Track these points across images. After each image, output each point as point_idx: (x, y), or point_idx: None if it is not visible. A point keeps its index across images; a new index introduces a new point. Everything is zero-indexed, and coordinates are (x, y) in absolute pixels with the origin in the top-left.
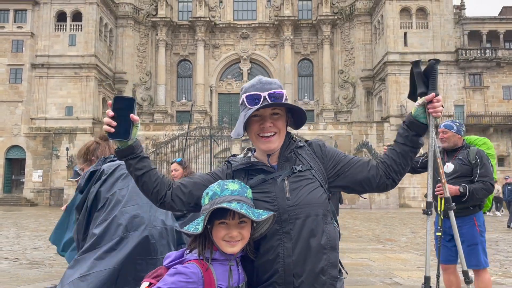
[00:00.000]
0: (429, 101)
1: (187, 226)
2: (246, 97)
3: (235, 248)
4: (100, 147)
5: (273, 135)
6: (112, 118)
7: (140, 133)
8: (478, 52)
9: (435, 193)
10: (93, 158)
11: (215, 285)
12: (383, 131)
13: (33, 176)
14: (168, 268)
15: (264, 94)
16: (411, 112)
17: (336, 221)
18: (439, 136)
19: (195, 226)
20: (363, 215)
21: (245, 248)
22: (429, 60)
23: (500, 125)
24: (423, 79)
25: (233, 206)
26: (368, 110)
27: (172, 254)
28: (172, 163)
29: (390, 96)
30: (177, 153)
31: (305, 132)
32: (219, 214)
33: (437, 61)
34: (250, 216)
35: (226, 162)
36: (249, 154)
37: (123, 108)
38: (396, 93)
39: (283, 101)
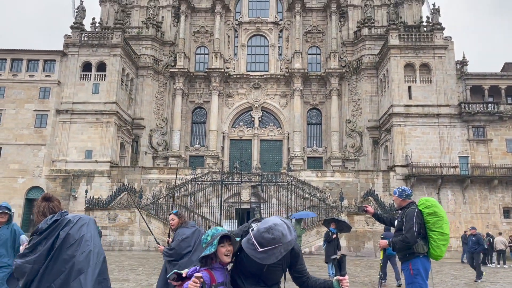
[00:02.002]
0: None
1: (202, 253)
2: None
3: (229, 259)
4: (50, 204)
5: None
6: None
7: (154, 177)
8: (481, 106)
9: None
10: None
11: (215, 281)
12: (389, 180)
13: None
14: (190, 276)
15: None
16: (332, 282)
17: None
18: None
19: (209, 250)
20: (366, 263)
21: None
22: (341, 256)
23: (505, 177)
24: (337, 265)
25: (230, 233)
26: (375, 159)
27: (191, 268)
28: (170, 214)
29: (396, 146)
30: (189, 197)
31: (313, 179)
32: (220, 241)
33: (344, 256)
34: (235, 238)
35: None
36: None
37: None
38: (401, 144)
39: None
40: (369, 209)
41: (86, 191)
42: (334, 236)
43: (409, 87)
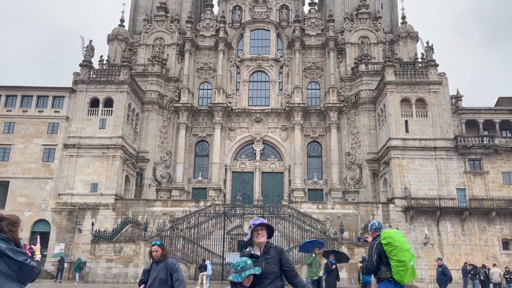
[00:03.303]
0: None
1: (232, 278)
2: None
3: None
4: None
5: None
6: None
7: (158, 209)
8: (476, 139)
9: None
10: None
11: None
12: (389, 212)
13: (56, 249)
14: None
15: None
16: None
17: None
18: None
19: (237, 278)
20: None
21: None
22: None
23: (502, 209)
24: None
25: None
26: (375, 191)
27: None
28: (153, 245)
29: (394, 179)
30: (192, 229)
31: (314, 211)
32: None
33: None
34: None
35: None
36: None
37: None
38: (399, 176)
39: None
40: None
41: (93, 224)
42: (334, 266)
43: (406, 121)
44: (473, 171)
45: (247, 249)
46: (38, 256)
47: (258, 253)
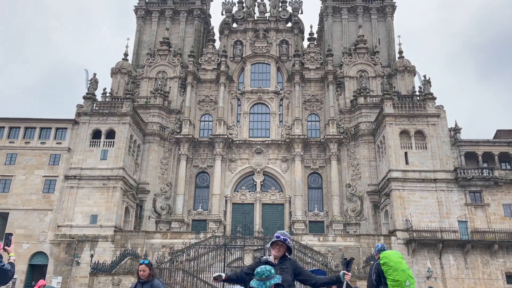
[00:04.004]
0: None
1: (256, 285)
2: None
3: None
4: None
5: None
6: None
7: (157, 241)
8: (476, 171)
9: None
10: None
11: None
12: (391, 244)
13: (53, 283)
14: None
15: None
16: (339, 274)
17: None
18: None
19: (261, 286)
20: None
21: None
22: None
23: (504, 242)
24: (346, 264)
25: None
26: (376, 223)
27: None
28: (140, 264)
29: (396, 211)
30: (192, 262)
31: (315, 243)
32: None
33: (352, 259)
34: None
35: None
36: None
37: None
38: (400, 208)
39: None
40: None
41: (91, 256)
42: None
43: (406, 153)
44: (474, 203)
45: (264, 257)
46: (12, 258)
47: (273, 261)
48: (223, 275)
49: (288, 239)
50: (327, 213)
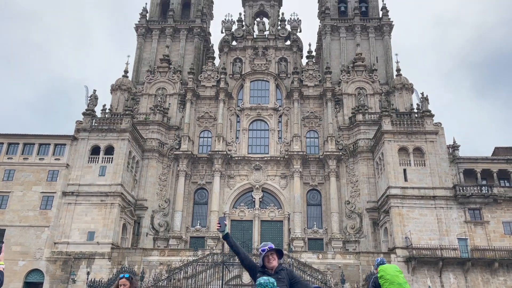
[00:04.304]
0: None
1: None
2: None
3: None
4: None
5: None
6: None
7: (155, 258)
8: (475, 188)
9: None
10: None
11: None
12: (390, 262)
13: None
14: None
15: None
16: None
17: None
18: None
19: None
20: None
21: None
22: None
23: (505, 260)
24: None
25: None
26: (375, 241)
27: None
28: (120, 279)
29: (395, 228)
30: (190, 279)
31: (314, 260)
32: None
33: None
34: None
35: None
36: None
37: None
38: (400, 225)
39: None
40: None
41: (88, 273)
42: None
43: (404, 170)
44: (473, 221)
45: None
46: (1, 267)
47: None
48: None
49: (272, 245)
50: (326, 230)
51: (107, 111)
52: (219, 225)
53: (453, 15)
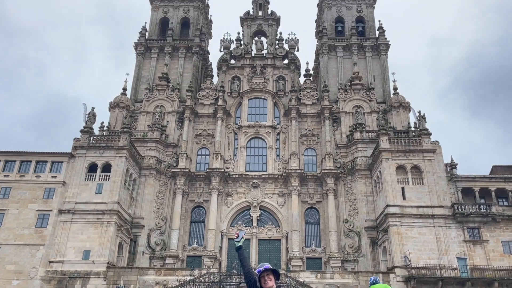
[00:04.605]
0: None
1: None
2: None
3: None
4: None
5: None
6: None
7: (151, 278)
8: (473, 207)
9: None
10: None
11: None
12: (390, 282)
13: None
14: None
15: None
16: None
17: None
18: None
19: None
20: None
21: None
22: None
23: (505, 279)
24: None
25: None
26: (374, 260)
27: None
28: None
29: (394, 247)
30: None
31: (312, 280)
32: None
33: None
34: None
35: None
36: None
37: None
38: (398, 244)
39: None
40: None
41: None
42: None
43: (403, 188)
44: (472, 240)
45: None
46: None
47: None
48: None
49: (269, 265)
50: (324, 249)
51: (105, 128)
52: (237, 234)
53: (447, 35)
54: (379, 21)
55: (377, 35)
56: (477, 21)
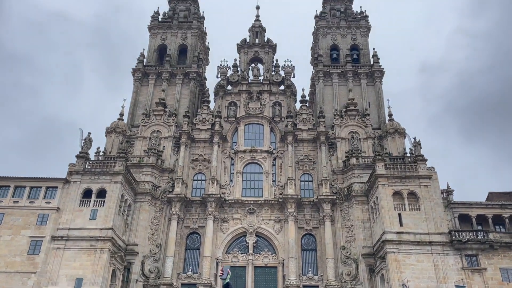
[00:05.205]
0: None
1: None
2: None
3: None
4: None
5: None
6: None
7: None
8: (471, 234)
9: None
10: None
11: None
12: None
13: None
14: None
15: None
16: None
17: None
18: None
19: None
20: None
21: None
22: None
23: None
24: None
25: None
26: None
27: None
28: None
29: (392, 275)
30: None
31: None
32: None
33: None
34: None
35: None
36: None
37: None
38: (396, 272)
39: None
40: None
41: None
42: None
43: (399, 214)
44: (470, 267)
45: None
46: None
47: None
48: None
49: None
50: (321, 276)
51: (101, 153)
52: (222, 272)
53: (438, 62)
54: (374, 48)
55: (371, 62)
56: (466, 50)
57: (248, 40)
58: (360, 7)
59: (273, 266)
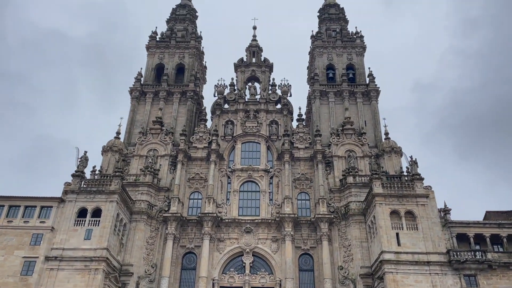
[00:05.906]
0: None
1: None
2: None
3: None
4: None
5: None
6: None
7: None
8: (469, 254)
9: None
10: None
11: None
12: None
13: None
14: None
15: None
16: None
17: None
18: None
19: None
20: None
21: None
22: None
23: None
24: None
25: None
26: None
27: None
28: None
29: None
30: None
31: None
32: None
33: None
34: None
35: None
36: None
37: None
38: None
39: None
40: None
41: None
42: None
43: (397, 234)
44: None
45: None
46: None
47: None
48: None
49: None
50: None
51: (97, 172)
52: None
53: (431, 81)
54: (369, 68)
55: (367, 82)
56: (459, 69)
57: (245, 60)
58: (356, 27)
59: (270, 287)
